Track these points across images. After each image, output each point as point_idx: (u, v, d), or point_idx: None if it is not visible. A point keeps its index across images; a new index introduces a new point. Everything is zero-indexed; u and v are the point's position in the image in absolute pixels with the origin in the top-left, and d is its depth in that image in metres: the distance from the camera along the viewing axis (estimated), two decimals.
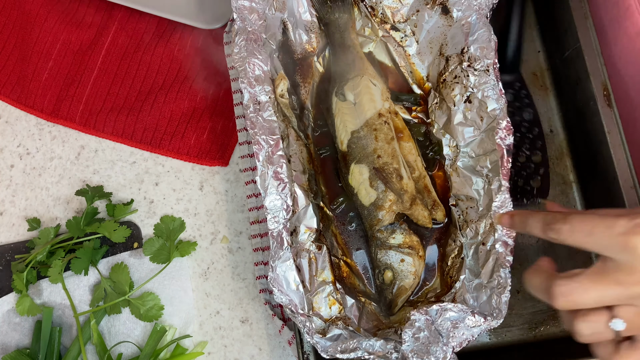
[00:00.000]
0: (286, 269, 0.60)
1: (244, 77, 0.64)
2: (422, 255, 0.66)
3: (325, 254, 0.66)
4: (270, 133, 0.63)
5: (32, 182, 0.81)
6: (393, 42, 0.75)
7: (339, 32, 0.74)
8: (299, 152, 0.69)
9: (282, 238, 0.60)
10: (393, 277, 0.64)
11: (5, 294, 0.74)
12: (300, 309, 0.59)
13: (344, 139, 0.69)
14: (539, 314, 0.70)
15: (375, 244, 0.66)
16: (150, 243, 0.71)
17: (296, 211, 0.65)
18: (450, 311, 0.56)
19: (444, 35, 0.71)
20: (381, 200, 0.65)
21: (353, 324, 0.63)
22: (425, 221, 0.66)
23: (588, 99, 0.68)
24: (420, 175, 0.69)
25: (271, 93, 0.65)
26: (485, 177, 0.64)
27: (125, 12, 0.85)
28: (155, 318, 0.70)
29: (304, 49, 0.75)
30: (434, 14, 0.72)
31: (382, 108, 0.69)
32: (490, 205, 0.61)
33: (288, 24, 0.73)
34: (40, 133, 0.83)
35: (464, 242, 0.65)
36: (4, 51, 0.87)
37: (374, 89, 0.70)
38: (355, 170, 0.67)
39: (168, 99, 0.81)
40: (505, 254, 0.59)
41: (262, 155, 0.62)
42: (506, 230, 0.60)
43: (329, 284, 0.65)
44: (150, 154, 0.80)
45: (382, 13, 0.74)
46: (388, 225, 0.66)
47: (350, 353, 0.57)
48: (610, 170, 0.66)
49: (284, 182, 0.62)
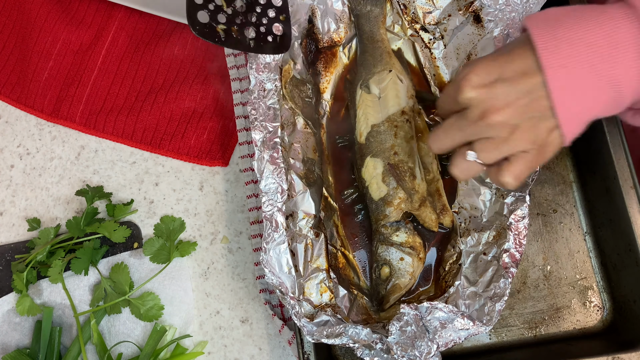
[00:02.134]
0: (280, 252, 0.61)
1: (253, 62, 0.65)
2: (422, 258, 0.66)
3: (322, 242, 0.66)
4: (271, 120, 0.64)
5: (32, 182, 0.81)
6: (420, 43, 0.75)
7: (368, 25, 0.74)
8: (303, 141, 0.70)
9: (277, 221, 0.61)
10: (389, 274, 0.64)
11: (5, 294, 0.74)
12: (290, 292, 0.60)
13: (363, 131, 0.69)
14: (539, 314, 0.70)
15: (377, 239, 0.67)
16: (150, 243, 0.72)
17: (293, 196, 0.65)
18: (440, 311, 0.57)
19: (472, 44, 0.71)
20: (391, 197, 0.65)
21: (342, 313, 0.64)
22: (432, 224, 0.66)
23: None
24: (434, 179, 0.69)
25: (277, 81, 0.66)
26: (496, 190, 0.65)
27: (125, 12, 0.85)
28: (155, 318, 0.70)
29: (331, 38, 0.75)
30: (466, 21, 0.72)
31: (406, 106, 0.69)
32: (495, 219, 0.62)
33: (317, 11, 0.73)
34: (40, 133, 0.83)
35: (464, 250, 0.65)
36: (4, 51, 0.87)
37: (400, 85, 0.70)
38: (370, 164, 0.67)
39: (168, 99, 0.81)
40: (510, 265, 0.59)
41: (260, 139, 0.64)
42: (516, 244, 0.60)
43: (323, 272, 0.65)
44: (150, 154, 0.80)
45: (413, 12, 0.74)
46: (393, 222, 0.66)
47: (335, 338, 0.58)
48: (610, 170, 0.66)
49: (279, 167, 0.63)
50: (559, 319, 0.69)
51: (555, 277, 0.71)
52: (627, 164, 0.66)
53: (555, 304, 0.70)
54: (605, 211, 0.69)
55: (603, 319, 0.70)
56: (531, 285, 0.70)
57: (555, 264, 0.71)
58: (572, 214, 0.72)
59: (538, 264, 0.71)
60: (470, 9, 0.71)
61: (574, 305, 0.70)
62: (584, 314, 0.70)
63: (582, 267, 0.71)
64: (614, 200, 0.66)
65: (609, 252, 0.70)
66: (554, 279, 0.71)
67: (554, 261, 0.71)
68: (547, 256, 0.71)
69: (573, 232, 0.72)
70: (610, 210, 0.68)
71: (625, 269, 0.67)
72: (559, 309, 0.70)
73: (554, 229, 0.72)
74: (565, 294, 0.70)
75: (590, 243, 0.72)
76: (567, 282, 0.70)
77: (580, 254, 0.71)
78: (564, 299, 0.70)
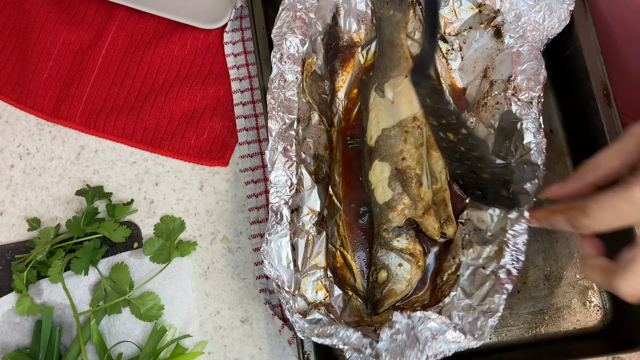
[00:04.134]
0: (281, 244, 0.61)
1: (277, 51, 0.65)
2: (421, 266, 0.66)
3: (323, 240, 0.66)
4: (288, 112, 0.64)
5: (32, 182, 0.81)
6: (438, 52, 0.75)
7: (390, 29, 0.74)
8: (316, 137, 0.70)
9: (282, 214, 0.61)
10: (387, 278, 0.64)
11: (5, 294, 0.74)
12: (286, 286, 0.60)
13: (373, 134, 0.69)
14: (539, 314, 0.70)
15: (378, 242, 0.67)
16: (150, 243, 0.72)
17: (300, 191, 0.65)
18: (433, 322, 0.56)
19: (490, 58, 0.71)
20: (395, 202, 0.65)
21: (335, 313, 0.64)
22: (434, 233, 0.66)
23: (588, 98, 0.68)
24: (441, 188, 0.68)
25: (299, 74, 0.66)
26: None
27: (125, 12, 0.85)
28: (155, 318, 0.70)
29: (351, 38, 0.75)
30: (486, 34, 0.72)
31: (419, 112, 0.68)
32: (499, 234, 0.62)
33: (341, 9, 0.73)
34: (40, 133, 0.83)
35: (464, 261, 0.65)
36: (4, 51, 0.87)
37: (413, 92, 0.70)
38: (377, 167, 0.67)
39: (168, 99, 0.81)
40: (506, 281, 0.59)
41: (276, 130, 0.64)
42: (513, 260, 0.60)
43: (320, 269, 0.65)
44: (150, 154, 0.80)
45: None
46: (395, 228, 0.66)
47: (326, 338, 0.58)
48: None
49: (291, 160, 0.63)
50: (559, 318, 0.69)
51: (556, 277, 0.71)
52: None
53: (555, 303, 0.70)
54: None
55: (603, 318, 0.70)
56: (531, 285, 0.70)
57: (556, 264, 0.71)
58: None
59: (538, 264, 0.71)
60: (492, 23, 0.71)
61: (574, 305, 0.70)
62: (584, 313, 0.70)
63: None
64: None
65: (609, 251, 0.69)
66: (554, 279, 0.71)
67: (554, 261, 0.71)
68: (548, 256, 0.71)
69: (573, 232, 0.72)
70: None
71: None
72: (559, 308, 0.70)
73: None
74: (566, 294, 0.70)
75: None
76: (567, 282, 0.70)
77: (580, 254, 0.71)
78: (564, 298, 0.70)
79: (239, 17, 0.82)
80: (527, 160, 0.62)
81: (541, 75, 0.65)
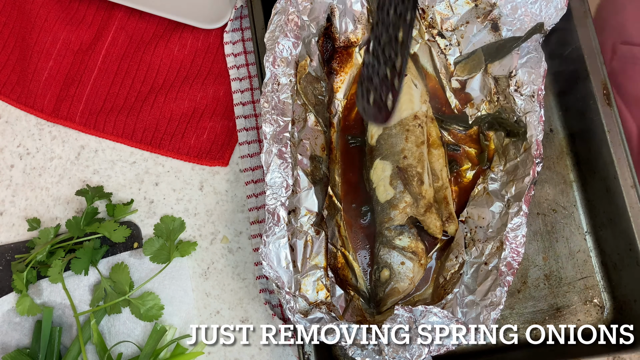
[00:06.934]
0: (279, 246, 0.61)
1: (269, 55, 0.65)
2: (424, 264, 0.66)
3: (322, 240, 0.66)
4: (282, 114, 0.64)
5: (32, 182, 0.81)
6: (437, 48, 0.75)
7: None
8: (312, 138, 0.70)
9: (279, 215, 0.61)
10: (389, 277, 0.64)
11: (5, 294, 0.74)
12: (287, 287, 0.60)
13: (374, 133, 0.69)
14: (539, 313, 0.70)
15: (380, 241, 0.67)
16: (150, 243, 0.71)
17: (297, 192, 0.65)
18: (435, 316, 0.57)
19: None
20: (397, 200, 0.65)
21: (337, 312, 0.64)
22: (436, 231, 0.66)
23: (588, 98, 0.68)
24: (443, 186, 0.68)
25: (293, 77, 0.66)
26: (506, 202, 0.65)
27: (125, 12, 0.85)
28: (155, 318, 0.70)
29: (348, 39, 0.75)
30: (483, 28, 0.72)
31: (419, 111, 0.68)
32: (501, 230, 0.62)
33: (336, 10, 0.73)
34: (40, 133, 0.83)
35: (467, 260, 0.65)
36: (4, 51, 0.87)
37: (414, 90, 0.69)
38: (379, 166, 0.67)
39: (168, 99, 0.81)
40: (506, 274, 0.59)
41: (270, 133, 0.63)
42: (513, 252, 0.60)
43: (321, 269, 0.65)
44: (150, 154, 0.80)
45: (431, 17, 0.74)
46: (397, 226, 0.66)
47: (328, 336, 0.58)
48: (611, 170, 0.66)
49: (287, 162, 0.63)
50: (559, 318, 0.69)
51: (556, 276, 0.71)
52: (627, 163, 0.66)
53: (555, 303, 0.70)
54: (605, 211, 0.69)
55: (603, 318, 0.70)
56: (531, 285, 0.70)
57: (556, 264, 0.71)
58: (572, 213, 0.72)
59: (538, 263, 0.71)
60: (488, 17, 0.71)
61: (574, 305, 0.70)
62: (584, 313, 0.70)
63: (582, 266, 0.71)
64: (614, 199, 0.66)
65: (610, 251, 0.70)
66: (555, 279, 0.71)
67: (555, 261, 0.71)
68: (548, 256, 0.71)
69: (573, 231, 0.72)
70: (611, 209, 0.68)
71: (626, 269, 0.67)
72: (559, 308, 0.70)
73: (554, 229, 0.72)
74: (566, 294, 0.70)
75: (591, 242, 0.72)
76: (567, 282, 0.70)
77: (580, 254, 0.71)
78: (564, 298, 0.70)
79: (239, 17, 0.82)
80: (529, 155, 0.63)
81: (542, 67, 0.65)
